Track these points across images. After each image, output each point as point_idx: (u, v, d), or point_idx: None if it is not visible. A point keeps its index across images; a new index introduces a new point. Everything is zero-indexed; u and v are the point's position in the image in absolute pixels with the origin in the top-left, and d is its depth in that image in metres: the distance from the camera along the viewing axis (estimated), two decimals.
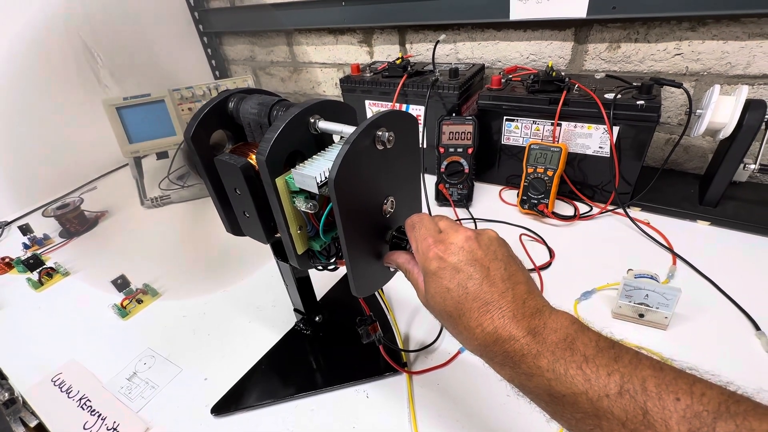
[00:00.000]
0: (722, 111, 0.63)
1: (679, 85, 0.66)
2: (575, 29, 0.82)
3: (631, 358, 0.23)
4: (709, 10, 0.67)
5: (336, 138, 0.37)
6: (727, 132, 0.63)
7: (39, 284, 0.74)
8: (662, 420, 0.21)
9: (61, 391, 0.54)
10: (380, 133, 0.30)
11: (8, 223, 0.95)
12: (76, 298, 0.71)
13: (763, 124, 0.61)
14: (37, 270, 0.75)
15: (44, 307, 0.70)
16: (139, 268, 0.73)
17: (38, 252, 0.82)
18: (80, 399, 0.53)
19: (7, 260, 0.80)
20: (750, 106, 0.62)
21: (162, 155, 0.99)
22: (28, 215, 0.98)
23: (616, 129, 0.69)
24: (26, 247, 0.85)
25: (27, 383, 0.56)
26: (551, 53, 0.86)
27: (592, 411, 0.23)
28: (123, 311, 0.65)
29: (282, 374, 0.53)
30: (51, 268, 0.76)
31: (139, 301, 0.67)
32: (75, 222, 0.90)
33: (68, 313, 0.68)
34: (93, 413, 0.51)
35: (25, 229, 0.86)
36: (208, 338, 0.60)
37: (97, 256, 0.83)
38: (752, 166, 0.66)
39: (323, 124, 0.34)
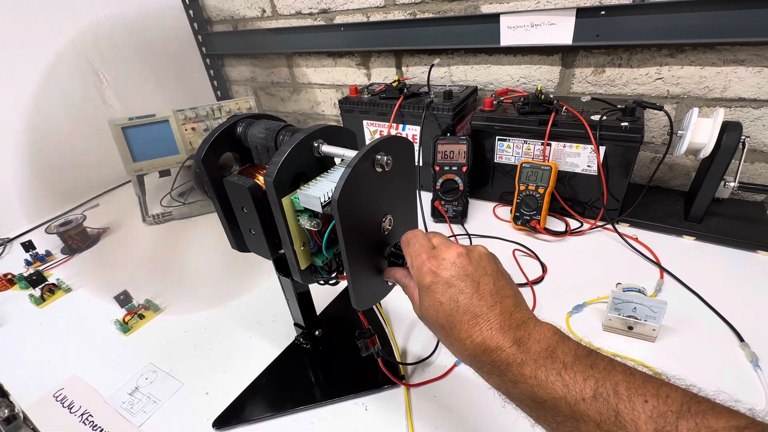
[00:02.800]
0: (701, 132, 0.66)
1: (660, 108, 0.70)
2: (562, 54, 0.86)
3: (605, 364, 0.25)
4: (685, 38, 0.71)
5: (337, 160, 0.39)
6: (706, 152, 0.67)
7: (41, 300, 0.74)
8: (632, 420, 0.23)
9: (63, 406, 0.55)
10: (379, 156, 0.33)
11: (10, 240, 0.96)
12: (78, 314, 0.72)
13: (740, 144, 0.65)
14: (39, 286, 0.76)
15: (46, 323, 0.71)
16: (140, 283, 0.75)
17: (40, 268, 0.83)
18: (82, 414, 0.53)
19: (9, 277, 0.81)
20: (727, 127, 0.65)
21: (164, 173, 1.01)
22: (30, 232, 1.00)
23: (602, 149, 0.72)
24: (28, 263, 0.86)
25: (28, 399, 0.56)
26: (540, 77, 0.91)
27: (570, 414, 0.25)
28: (125, 327, 0.66)
29: (282, 388, 0.54)
30: (53, 284, 0.77)
31: (141, 317, 0.68)
32: (77, 239, 0.91)
33: (70, 329, 0.69)
34: (95, 428, 0.51)
35: (27, 246, 0.87)
36: (209, 353, 0.61)
37: (98, 272, 0.84)
38: (732, 184, 0.69)
39: (326, 148, 0.36)
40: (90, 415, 0.53)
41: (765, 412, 0.22)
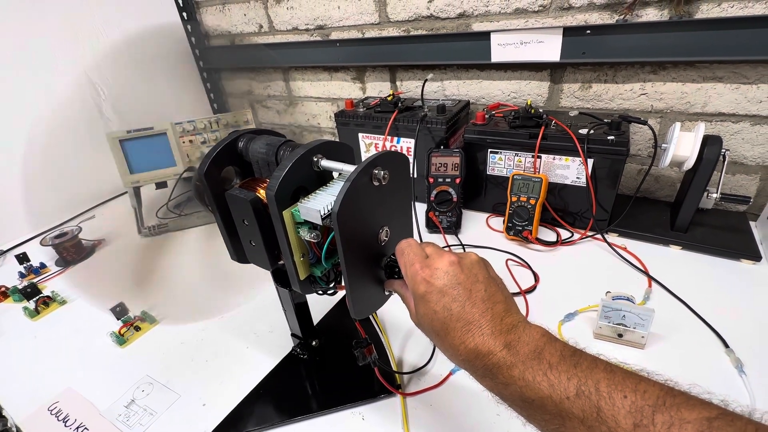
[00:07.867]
0: (684, 145, 0.69)
1: (644, 122, 0.73)
2: (551, 71, 0.89)
3: (588, 363, 0.27)
4: (666, 56, 0.75)
5: (336, 174, 0.41)
6: (689, 164, 0.70)
7: (35, 313, 0.74)
8: (612, 416, 0.24)
9: (58, 420, 0.54)
10: (376, 171, 0.35)
11: (4, 252, 0.96)
12: (73, 326, 0.72)
13: (721, 156, 0.68)
14: (34, 299, 0.76)
15: (40, 335, 0.70)
16: (136, 295, 0.75)
17: (34, 281, 0.83)
18: (77, 428, 0.53)
19: (2, 289, 0.80)
20: (708, 141, 0.68)
21: (161, 185, 1.02)
22: (24, 243, 0.99)
23: (590, 161, 0.75)
24: (22, 275, 0.85)
25: (22, 413, 0.56)
26: (530, 91, 0.94)
27: (556, 412, 0.26)
28: (121, 339, 0.66)
29: (280, 399, 0.54)
30: (48, 296, 0.77)
31: (137, 329, 0.68)
32: (72, 250, 0.91)
33: (65, 342, 0.68)
34: None
35: (21, 258, 0.87)
36: (206, 364, 0.61)
37: (94, 284, 0.83)
38: (715, 195, 0.72)
39: (325, 163, 0.38)
40: (85, 428, 0.53)
41: (747, 412, 0.24)
